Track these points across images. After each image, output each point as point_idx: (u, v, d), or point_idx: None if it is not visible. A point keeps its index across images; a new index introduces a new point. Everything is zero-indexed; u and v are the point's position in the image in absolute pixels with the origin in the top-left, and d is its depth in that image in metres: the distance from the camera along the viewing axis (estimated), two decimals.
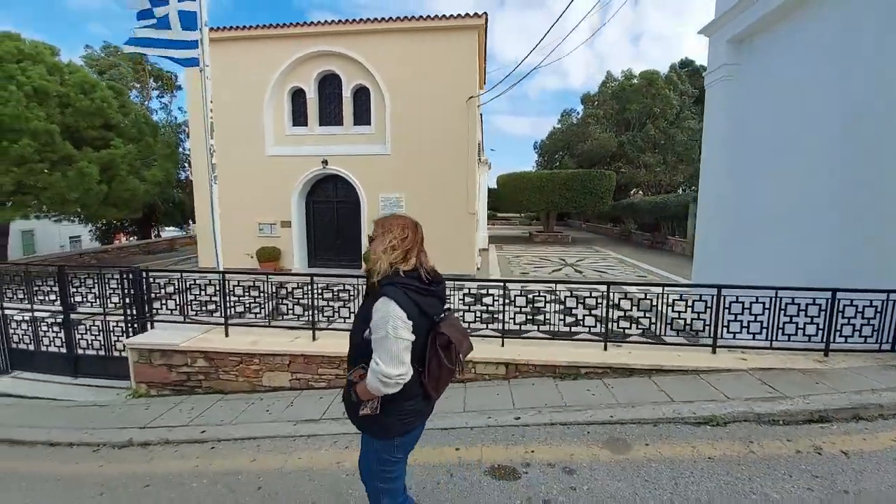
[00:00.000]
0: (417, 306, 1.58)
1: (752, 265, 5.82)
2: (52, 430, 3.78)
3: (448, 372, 1.69)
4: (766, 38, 5.84)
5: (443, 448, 2.97)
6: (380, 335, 1.52)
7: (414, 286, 1.60)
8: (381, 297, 1.55)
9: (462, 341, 1.73)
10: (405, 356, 1.54)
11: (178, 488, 2.78)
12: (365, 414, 1.63)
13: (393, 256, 1.63)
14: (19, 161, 9.31)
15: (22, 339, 5.13)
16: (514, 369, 3.94)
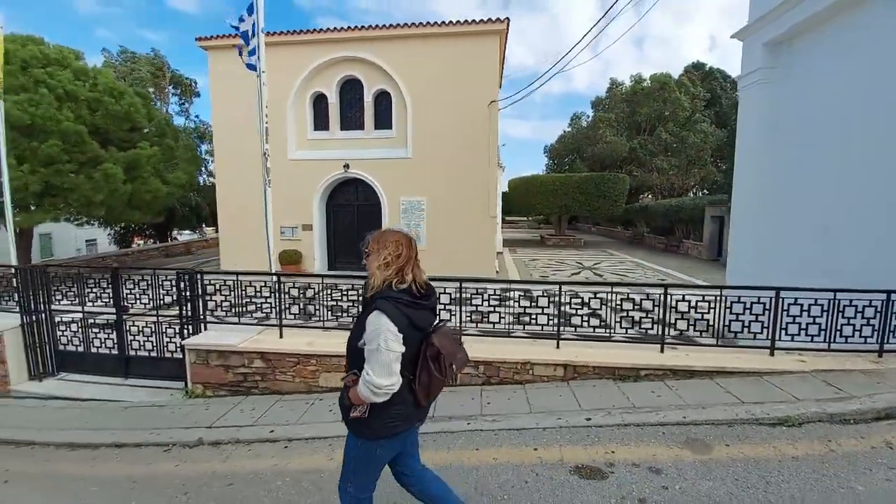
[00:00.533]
0: (408, 319, 1.66)
1: (789, 267, 5.83)
2: (115, 432, 3.82)
3: (437, 382, 1.76)
4: (810, 40, 5.86)
5: (521, 448, 2.99)
6: (372, 347, 1.60)
7: (405, 300, 1.68)
8: (374, 311, 1.63)
9: (454, 353, 1.80)
10: (395, 367, 1.61)
11: (262, 486, 2.81)
12: (355, 416, 1.71)
13: (387, 273, 1.70)
14: (47, 161, 9.44)
15: (71, 340, 5.19)
16: (572, 371, 3.95)
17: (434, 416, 3.53)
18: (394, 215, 12.35)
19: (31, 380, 5.12)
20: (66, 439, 3.78)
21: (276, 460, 3.12)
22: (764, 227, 6.60)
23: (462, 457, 2.93)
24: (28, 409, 4.59)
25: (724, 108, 24.44)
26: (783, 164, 6.41)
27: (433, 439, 3.18)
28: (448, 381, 1.83)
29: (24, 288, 4.99)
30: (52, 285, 5.10)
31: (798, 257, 5.93)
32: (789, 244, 6.19)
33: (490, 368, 4.02)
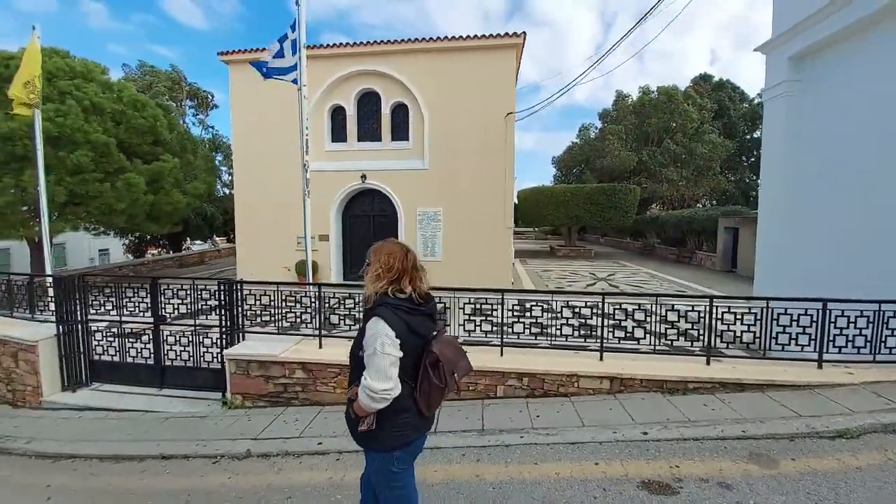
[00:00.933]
0: (406, 325, 1.68)
1: (817, 278, 5.80)
2: (160, 443, 3.80)
3: (438, 390, 1.74)
4: (839, 53, 5.92)
5: (581, 463, 2.95)
6: (369, 352, 1.62)
7: (404, 306, 1.71)
8: (372, 317, 1.66)
9: (456, 361, 1.78)
10: (392, 371, 1.61)
11: (322, 500, 2.78)
12: (363, 430, 1.71)
13: (378, 285, 1.74)
14: (74, 170, 9.58)
15: (107, 350, 5.19)
16: (618, 384, 3.91)
17: (485, 429, 3.51)
18: (410, 226, 12.41)
19: (64, 391, 5.11)
20: (109, 451, 3.75)
21: (331, 473, 3.08)
22: (791, 237, 6.59)
23: (522, 471, 2.89)
24: (64, 420, 4.56)
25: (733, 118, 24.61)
26: (809, 175, 6.42)
27: (488, 453, 3.14)
28: (449, 390, 1.81)
29: (62, 297, 5.02)
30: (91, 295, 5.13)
31: (824, 268, 5.92)
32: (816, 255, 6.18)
33: (534, 381, 3.98)
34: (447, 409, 3.90)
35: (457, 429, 3.54)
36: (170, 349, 4.96)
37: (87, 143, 9.82)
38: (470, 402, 4.03)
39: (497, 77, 11.61)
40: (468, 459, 3.09)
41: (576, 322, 4.15)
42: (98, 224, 11.15)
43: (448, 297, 4.30)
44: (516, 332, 4.25)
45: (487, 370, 4.02)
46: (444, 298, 4.34)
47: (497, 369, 4.00)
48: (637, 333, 4.17)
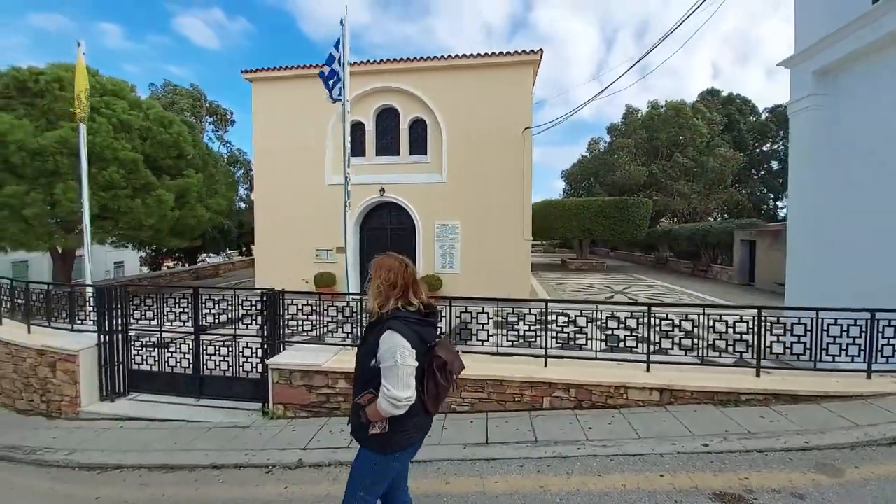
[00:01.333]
0: (418, 335, 1.79)
1: (849, 288, 5.75)
2: (208, 453, 3.79)
3: (444, 389, 1.87)
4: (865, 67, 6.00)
5: (646, 475, 2.90)
6: (388, 364, 1.70)
7: (414, 319, 1.82)
8: (387, 331, 1.74)
9: (454, 361, 1.91)
10: (411, 380, 1.73)
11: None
12: (375, 433, 1.79)
13: (379, 301, 1.85)
14: (106, 186, 9.79)
15: (146, 359, 5.22)
16: (668, 395, 3.86)
17: (538, 440, 3.46)
18: (428, 239, 12.48)
19: (102, 401, 5.13)
20: (157, 461, 3.74)
21: None
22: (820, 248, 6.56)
23: (587, 483, 2.84)
24: (105, 431, 4.56)
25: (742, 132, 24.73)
26: (837, 185, 6.44)
27: (547, 465, 3.10)
28: (452, 389, 1.94)
29: (103, 306, 5.08)
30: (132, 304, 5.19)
31: (856, 278, 5.88)
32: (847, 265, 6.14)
33: (581, 392, 3.95)
34: (494, 420, 3.87)
35: (508, 440, 3.50)
36: (209, 359, 4.98)
37: (115, 160, 10.06)
38: (516, 413, 3.99)
39: (514, 93, 11.82)
40: (527, 471, 3.05)
41: (621, 333, 4.13)
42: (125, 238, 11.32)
43: (490, 307, 4.31)
44: (560, 343, 4.23)
45: (533, 381, 3.99)
46: (487, 308, 4.35)
47: (543, 380, 3.97)
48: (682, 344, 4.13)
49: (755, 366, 4.02)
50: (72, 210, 9.40)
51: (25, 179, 9.38)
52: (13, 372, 5.53)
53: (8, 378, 5.64)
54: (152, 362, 5.18)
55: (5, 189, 9.15)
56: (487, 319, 4.33)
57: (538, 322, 4.26)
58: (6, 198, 9.03)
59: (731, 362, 4.11)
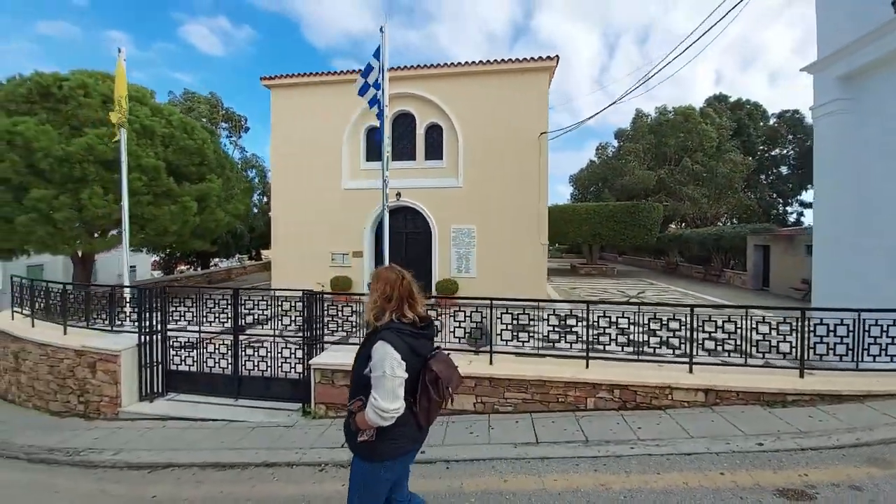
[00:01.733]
0: (410, 347, 1.80)
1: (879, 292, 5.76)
2: (258, 451, 3.83)
3: (436, 404, 1.88)
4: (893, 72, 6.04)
5: (706, 473, 2.92)
6: (378, 374, 1.73)
7: (408, 330, 1.83)
8: (379, 341, 1.76)
9: (450, 376, 1.91)
10: (400, 391, 1.74)
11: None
12: (363, 440, 1.80)
13: (375, 313, 1.90)
14: (131, 192, 9.90)
15: (185, 360, 5.28)
16: (713, 396, 3.88)
17: (589, 440, 3.49)
18: (444, 243, 12.55)
19: (141, 401, 5.18)
20: (209, 459, 3.78)
21: (448, 481, 3.08)
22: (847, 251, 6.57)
23: (647, 481, 2.87)
24: (148, 430, 4.61)
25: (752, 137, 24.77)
26: (864, 190, 6.46)
27: (602, 463, 3.13)
28: (445, 404, 1.95)
29: (143, 307, 5.16)
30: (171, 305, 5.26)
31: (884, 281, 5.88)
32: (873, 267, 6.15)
33: (626, 393, 3.97)
34: (540, 421, 3.90)
35: (559, 440, 3.53)
36: (247, 359, 5.03)
37: (137, 167, 10.20)
38: (561, 413, 4.02)
39: (530, 98, 11.94)
40: (584, 469, 3.07)
41: (664, 334, 4.16)
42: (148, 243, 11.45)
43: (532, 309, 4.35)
44: (602, 344, 4.26)
45: (577, 382, 4.02)
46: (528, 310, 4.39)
47: (588, 381, 4.00)
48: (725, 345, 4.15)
49: (799, 367, 4.03)
50: (98, 215, 9.53)
51: (53, 184, 9.53)
52: (48, 373, 5.59)
53: (42, 380, 5.70)
54: (191, 363, 5.23)
55: (33, 193, 9.29)
56: (528, 321, 4.37)
57: (579, 323, 4.29)
58: (34, 201, 9.17)
59: (776, 364, 4.11)
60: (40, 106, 10.72)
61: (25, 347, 5.85)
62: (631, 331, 4.20)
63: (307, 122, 13.08)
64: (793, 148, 25.68)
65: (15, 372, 6.16)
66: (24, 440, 4.65)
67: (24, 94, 10.75)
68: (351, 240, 13.03)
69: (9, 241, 9.76)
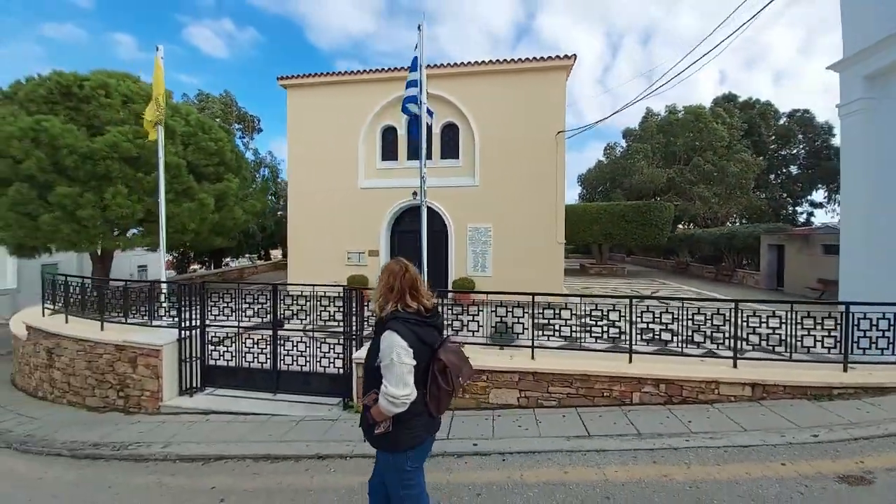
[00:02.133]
0: (416, 336, 1.85)
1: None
2: (310, 444, 3.87)
3: (446, 393, 1.92)
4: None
5: (766, 464, 2.95)
6: (386, 362, 1.79)
7: (414, 319, 1.89)
8: (386, 331, 1.84)
9: (460, 366, 1.96)
10: (409, 378, 1.78)
11: (512, 497, 2.80)
12: (380, 433, 1.86)
13: (379, 302, 1.98)
14: (151, 191, 10.01)
15: (223, 355, 5.33)
16: (761, 390, 3.91)
17: (641, 433, 3.52)
18: (460, 242, 12.59)
19: (181, 395, 5.24)
20: (260, 452, 3.82)
21: (507, 472, 3.12)
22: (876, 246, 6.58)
23: (710, 472, 2.90)
24: (193, 424, 4.65)
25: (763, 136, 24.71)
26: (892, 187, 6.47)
27: (661, 455, 3.16)
28: (456, 393, 2.00)
29: (183, 303, 5.21)
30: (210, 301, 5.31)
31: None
32: None
33: (672, 387, 4.00)
34: (587, 415, 3.93)
35: (610, 433, 3.56)
36: (286, 354, 5.08)
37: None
38: (606, 408, 4.05)
39: (548, 97, 11.96)
40: (643, 461, 3.11)
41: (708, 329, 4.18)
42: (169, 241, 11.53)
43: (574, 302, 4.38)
44: (645, 339, 4.29)
45: (623, 377, 4.05)
46: (570, 304, 4.42)
47: (634, 376, 4.03)
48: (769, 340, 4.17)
49: (843, 361, 4.05)
50: (122, 213, 9.61)
51: (77, 182, 9.61)
52: (86, 369, 5.65)
53: (79, 375, 5.76)
54: (229, 357, 5.28)
55: (58, 190, 9.38)
56: (570, 315, 4.40)
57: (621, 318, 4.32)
58: (59, 199, 9.25)
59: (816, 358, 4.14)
60: (62, 106, 10.80)
61: (61, 343, 5.92)
62: (674, 326, 4.23)
63: (323, 122, 13.15)
64: (803, 147, 25.60)
65: (47, 368, 6.22)
66: (66, 436, 4.69)
67: (44, 94, 10.82)
68: (367, 238, 13.09)
69: (34, 239, 9.85)
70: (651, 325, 4.30)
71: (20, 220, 9.50)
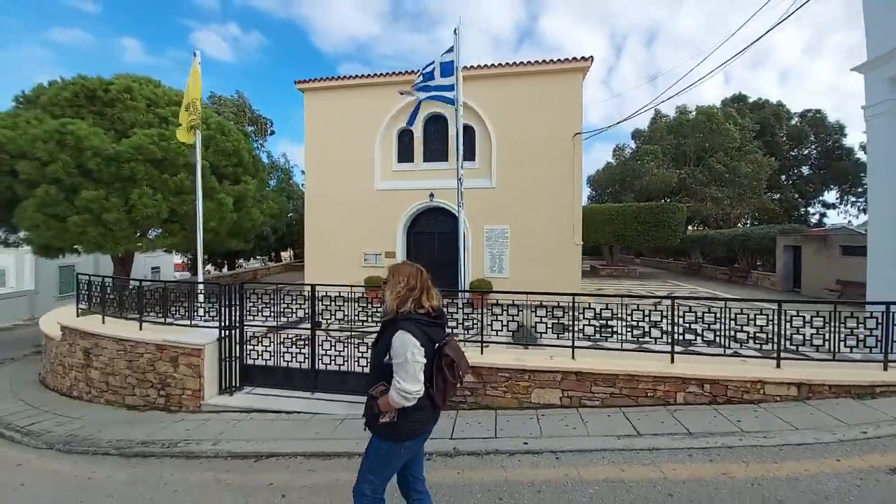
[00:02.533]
0: (426, 335, 1.98)
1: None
2: (358, 442, 3.88)
3: (451, 385, 2.06)
4: None
5: (820, 461, 2.99)
6: (400, 360, 1.90)
7: (424, 320, 2.02)
8: (399, 331, 1.94)
9: (461, 361, 2.10)
10: (420, 375, 1.92)
11: (574, 494, 2.85)
12: (385, 422, 1.99)
13: (398, 302, 2.06)
14: (176, 191, 10.16)
15: (261, 354, 5.41)
16: (806, 390, 3.94)
17: (692, 432, 3.55)
18: (477, 243, 12.64)
19: (221, 394, 5.32)
20: (311, 449, 3.89)
21: (563, 470, 3.16)
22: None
23: (769, 470, 2.94)
24: (237, 422, 4.72)
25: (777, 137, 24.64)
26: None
27: (717, 454, 3.20)
28: (458, 385, 2.15)
29: (223, 303, 5.30)
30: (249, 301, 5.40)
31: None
32: None
33: (717, 387, 4.03)
34: (632, 414, 3.97)
35: (660, 432, 3.60)
36: (324, 354, 5.15)
37: (184, 166, 10.42)
38: (651, 408, 4.08)
39: (564, 99, 12.02)
40: (699, 460, 3.15)
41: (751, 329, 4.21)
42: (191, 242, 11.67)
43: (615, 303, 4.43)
44: (688, 340, 4.33)
45: (667, 377, 4.09)
46: (612, 305, 4.47)
47: (678, 375, 4.06)
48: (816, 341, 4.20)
49: (883, 360, 4.07)
50: (147, 214, 9.74)
51: (102, 185, 9.76)
52: (126, 368, 5.75)
53: (119, 375, 5.86)
54: (267, 357, 5.36)
55: (84, 193, 9.53)
56: (612, 315, 4.45)
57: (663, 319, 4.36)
58: (87, 202, 9.39)
59: (859, 357, 4.16)
60: (86, 109, 10.98)
61: (100, 343, 6.02)
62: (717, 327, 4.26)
63: (340, 125, 13.28)
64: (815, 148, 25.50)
65: (83, 368, 6.33)
66: (111, 435, 4.76)
67: (68, 97, 11.00)
68: (383, 240, 13.18)
69: (62, 241, 10.01)
70: (693, 325, 4.34)
71: (48, 222, 9.65)
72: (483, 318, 4.66)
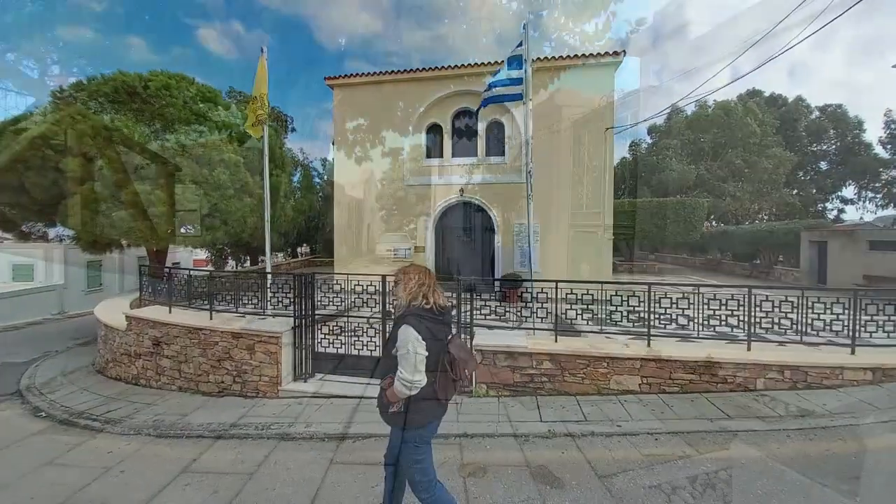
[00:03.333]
0: (430, 331, 2.14)
1: None
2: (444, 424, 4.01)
3: (452, 382, 2.21)
4: None
5: None
6: (402, 352, 2.08)
7: (428, 316, 2.18)
8: (403, 325, 2.12)
9: (468, 360, 2.25)
10: (421, 366, 2.08)
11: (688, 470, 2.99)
12: (393, 412, 2.18)
13: (411, 297, 2.23)
14: (216, 186, 10.34)
15: (332, 343, 5.58)
16: (881, 374, 4.05)
17: (782, 415, 3.68)
18: (507, 238, 12.75)
19: (295, 380, 5.50)
20: None
21: (669, 449, 3.31)
22: None
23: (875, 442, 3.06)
24: (319, 406, 4.88)
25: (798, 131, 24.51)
26: None
27: (815, 434, 3.33)
28: (462, 383, 2.28)
29: (297, 293, 5.47)
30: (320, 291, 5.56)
31: None
32: None
33: (797, 373, 4.15)
34: (715, 399, 4.10)
35: (750, 415, 3.73)
36: None
37: (220, 161, 10.60)
38: (731, 393, 4.21)
39: (595, 93, 12.06)
40: (798, 439, 3.28)
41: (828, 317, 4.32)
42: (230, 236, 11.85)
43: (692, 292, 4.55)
44: (764, 328, 4.45)
45: (749, 363, 4.22)
46: (688, 294, 4.59)
47: (760, 362, 4.19)
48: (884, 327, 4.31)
49: None
50: (190, 209, 9.93)
51: (147, 180, 9.95)
52: (200, 356, 5.93)
53: (192, 362, 6.04)
54: (339, 345, 5.52)
55: (130, 188, 9.73)
56: (688, 305, 4.58)
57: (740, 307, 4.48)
58: (132, 197, 9.60)
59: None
60: (127, 106, 11.17)
61: (170, 332, 6.21)
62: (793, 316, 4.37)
63: (368, 121, 13.40)
64: (835, 143, 25.31)
65: (151, 356, 6.53)
66: (199, 419, 4.92)
67: (108, 92, 11.20)
68: (413, 234, 13.33)
69: (109, 236, 10.23)
70: (770, 313, 4.45)
71: (95, 218, 9.87)
72: (556, 308, 4.80)
